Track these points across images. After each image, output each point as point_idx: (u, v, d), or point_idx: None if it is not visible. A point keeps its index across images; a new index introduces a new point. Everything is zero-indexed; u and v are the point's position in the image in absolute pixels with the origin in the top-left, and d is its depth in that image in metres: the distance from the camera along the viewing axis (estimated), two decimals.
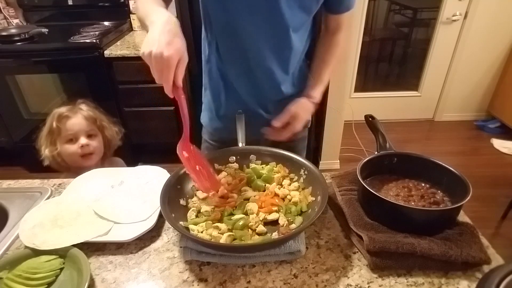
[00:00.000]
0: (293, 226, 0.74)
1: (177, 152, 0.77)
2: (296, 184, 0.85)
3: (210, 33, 0.96)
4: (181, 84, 0.72)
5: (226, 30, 0.92)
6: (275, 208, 0.78)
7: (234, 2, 0.86)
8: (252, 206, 0.77)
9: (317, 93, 1.02)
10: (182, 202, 0.82)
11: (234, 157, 0.92)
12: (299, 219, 0.75)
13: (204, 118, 1.14)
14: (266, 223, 0.76)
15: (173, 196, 0.79)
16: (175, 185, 0.81)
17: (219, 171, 0.91)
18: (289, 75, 1.01)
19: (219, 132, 1.12)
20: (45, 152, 1.20)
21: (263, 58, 0.94)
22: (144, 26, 0.80)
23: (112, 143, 1.31)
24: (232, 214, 0.77)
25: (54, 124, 1.17)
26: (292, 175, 0.88)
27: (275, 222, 0.76)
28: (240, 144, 0.95)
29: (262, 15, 0.87)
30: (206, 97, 1.11)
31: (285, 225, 0.74)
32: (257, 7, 0.86)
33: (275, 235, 0.73)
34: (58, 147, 1.19)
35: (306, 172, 0.85)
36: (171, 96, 0.72)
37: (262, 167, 0.91)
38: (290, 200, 0.81)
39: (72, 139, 1.19)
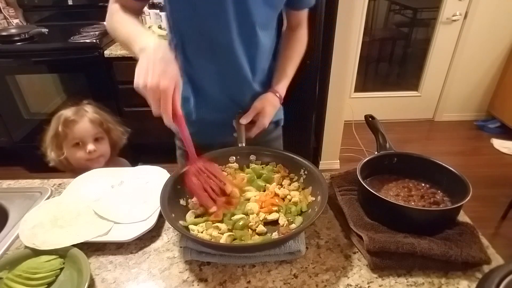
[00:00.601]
0: (293, 226, 0.74)
1: (186, 181, 0.79)
2: (296, 184, 0.85)
3: (176, 35, 0.94)
4: (181, 111, 0.73)
5: (194, 30, 0.90)
6: (275, 208, 0.78)
7: (202, 1, 0.85)
8: (252, 206, 0.77)
9: (281, 88, 1.02)
10: (182, 202, 0.81)
11: (234, 157, 0.92)
12: (299, 219, 0.75)
13: None
14: (266, 223, 0.76)
15: (173, 196, 0.79)
16: (175, 185, 0.81)
17: None
18: (259, 73, 1.00)
19: (192, 137, 1.09)
20: (51, 155, 1.20)
21: (234, 56, 0.92)
22: (128, 49, 0.79)
23: (118, 144, 1.30)
24: (234, 215, 0.77)
25: (60, 129, 1.16)
26: (292, 175, 0.88)
27: (275, 222, 0.76)
28: (240, 144, 0.95)
29: (230, 12, 0.85)
30: None
31: (285, 225, 0.74)
32: (225, 4, 0.84)
33: (275, 235, 0.73)
34: (65, 151, 1.19)
35: (306, 172, 0.85)
36: (171, 125, 0.71)
37: (262, 167, 0.91)
38: (290, 200, 0.81)
39: (79, 143, 1.19)
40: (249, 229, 0.74)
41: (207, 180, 0.80)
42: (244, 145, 0.94)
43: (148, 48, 0.73)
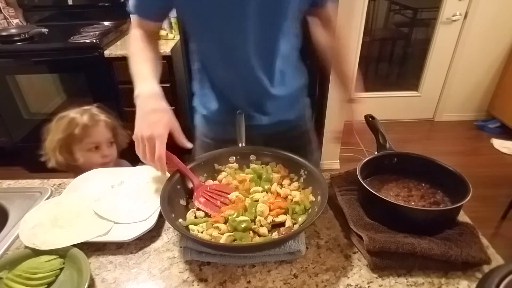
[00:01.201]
0: (295, 226, 0.74)
1: (195, 203, 0.81)
2: (296, 184, 0.85)
3: (197, 44, 0.97)
4: (187, 144, 0.85)
5: (215, 47, 0.92)
6: (283, 210, 0.77)
7: (225, 9, 0.85)
8: (263, 208, 0.76)
9: (353, 92, 1.03)
10: (182, 202, 0.82)
11: (234, 157, 0.92)
12: (303, 218, 0.75)
13: (197, 120, 1.13)
14: (273, 225, 0.75)
15: (173, 196, 0.79)
16: (175, 185, 0.81)
17: (219, 171, 0.91)
18: (276, 79, 0.99)
19: (214, 132, 1.10)
20: (58, 157, 1.20)
21: (250, 68, 0.92)
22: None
23: (121, 147, 1.33)
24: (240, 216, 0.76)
25: (77, 132, 1.18)
26: (292, 175, 0.88)
27: (280, 223, 0.75)
28: (240, 144, 0.95)
29: (251, 22, 0.86)
30: (196, 101, 1.10)
31: (289, 226, 0.74)
32: (248, 14, 0.84)
33: (275, 235, 0.73)
34: (78, 155, 1.20)
35: (306, 172, 0.85)
36: (164, 173, 0.80)
37: (262, 167, 0.90)
38: (291, 200, 0.80)
39: (95, 148, 1.21)
40: (251, 232, 0.73)
41: (214, 196, 0.82)
42: (244, 145, 0.94)
43: (141, 97, 0.81)
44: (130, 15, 0.97)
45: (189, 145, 0.85)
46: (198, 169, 0.88)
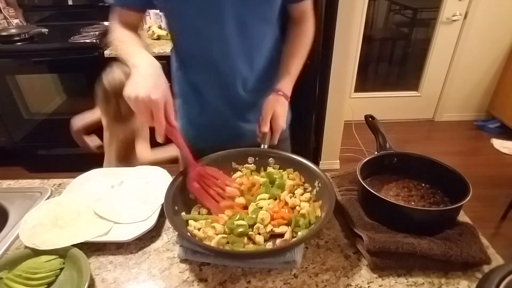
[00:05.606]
0: (293, 240, 0.71)
1: (187, 186, 0.79)
2: (307, 195, 0.82)
3: (178, 53, 0.98)
4: (176, 123, 0.77)
5: (196, 51, 0.93)
6: (285, 221, 0.74)
7: (202, 6, 0.85)
8: (265, 216, 0.74)
9: (283, 86, 0.97)
10: (191, 195, 0.80)
11: (253, 158, 0.91)
12: (304, 232, 0.71)
13: (180, 126, 1.10)
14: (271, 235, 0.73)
15: (185, 188, 0.79)
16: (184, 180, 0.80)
17: (235, 170, 0.90)
18: (255, 71, 0.99)
19: (194, 141, 1.02)
20: None
21: (231, 58, 0.92)
22: (124, 63, 0.82)
23: None
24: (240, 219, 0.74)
25: None
26: (306, 185, 0.85)
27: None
28: (262, 146, 0.93)
29: (230, 33, 0.88)
30: (178, 104, 1.08)
31: (286, 238, 0.71)
32: (225, 29, 0.86)
33: (269, 245, 0.71)
34: None
35: (320, 185, 0.81)
36: (162, 139, 0.73)
37: (279, 171, 0.88)
38: (298, 212, 0.77)
39: None
40: (247, 238, 0.71)
41: (209, 183, 0.80)
42: (266, 147, 0.93)
43: (142, 64, 0.75)
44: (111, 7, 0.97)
45: (175, 122, 0.78)
46: (215, 166, 0.86)
